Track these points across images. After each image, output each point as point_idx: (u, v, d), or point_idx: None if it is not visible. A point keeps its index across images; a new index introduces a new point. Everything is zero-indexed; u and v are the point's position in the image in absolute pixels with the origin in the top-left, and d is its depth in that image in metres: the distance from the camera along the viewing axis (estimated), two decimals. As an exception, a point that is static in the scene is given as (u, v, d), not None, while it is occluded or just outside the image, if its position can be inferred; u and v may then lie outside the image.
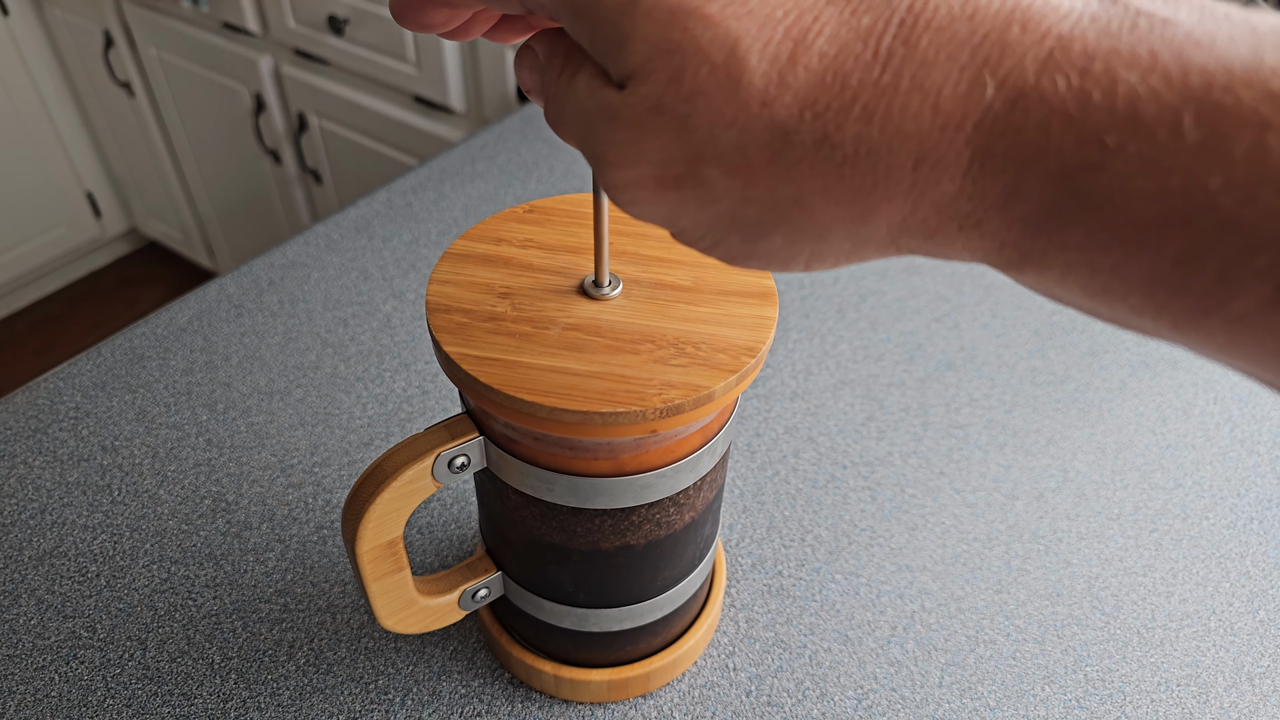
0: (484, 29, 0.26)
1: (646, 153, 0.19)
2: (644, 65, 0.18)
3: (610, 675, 0.43)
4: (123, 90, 1.91)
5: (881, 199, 0.18)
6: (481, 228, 0.36)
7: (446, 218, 0.73)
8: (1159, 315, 0.17)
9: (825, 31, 0.17)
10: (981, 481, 0.54)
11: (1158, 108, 0.15)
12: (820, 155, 0.18)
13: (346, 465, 0.54)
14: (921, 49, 0.17)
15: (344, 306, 0.65)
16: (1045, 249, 0.17)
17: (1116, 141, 0.15)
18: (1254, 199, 0.14)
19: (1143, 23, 0.16)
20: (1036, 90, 0.16)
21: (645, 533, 0.36)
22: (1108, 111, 0.15)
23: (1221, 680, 0.45)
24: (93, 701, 0.44)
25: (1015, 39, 0.16)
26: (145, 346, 0.62)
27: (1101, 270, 0.17)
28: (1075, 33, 0.16)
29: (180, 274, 2.39)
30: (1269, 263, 0.15)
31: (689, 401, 0.29)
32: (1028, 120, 0.16)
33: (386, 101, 1.39)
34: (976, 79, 0.17)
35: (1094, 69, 0.16)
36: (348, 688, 0.44)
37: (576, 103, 0.21)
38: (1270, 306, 0.15)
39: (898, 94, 0.17)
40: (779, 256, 0.20)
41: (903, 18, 0.17)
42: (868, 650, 0.46)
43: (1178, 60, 0.15)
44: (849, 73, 0.17)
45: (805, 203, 0.19)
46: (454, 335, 0.31)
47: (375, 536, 0.34)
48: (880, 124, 0.17)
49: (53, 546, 0.50)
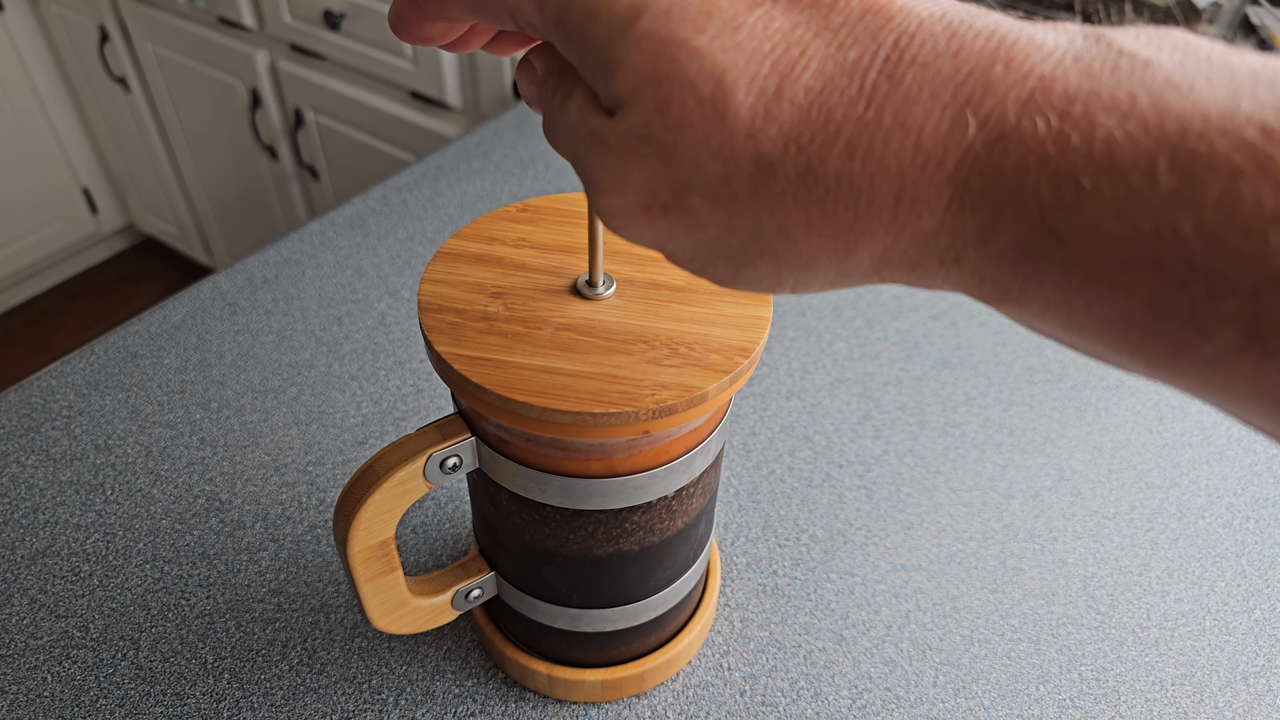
0: (481, 42, 0.26)
1: (633, 181, 0.19)
2: (632, 94, 0.19)
3: (604, 675, 0.43)
4: (118, 85, 1.90)
5: (863, 232, 0.18)
6: (474, 227, 0.35)
7: (442, 215, 0.73)
8: (1134, 355, 0.17)
9: (811, 65, 0.18)
10: (977, 480, 0.54)
11: (1134, 152, 0.15)
12: (803, 188, 0.18)
13: (340, 464, 0.54)
14: (905, 85, 0.17)
15: (339, 304, 0.65)
16: (1023, 286, 0.17)
17: (1092, 184, 0.16)
18: (1223, 244, 0.15)
19: (1124, 64, 0.16)
20: (1017, 131, 0.16)
21: (638, 534, 0.36)
22: (1084, 154, 0.16)
23: (1216, 680, 0.45)
24: (85, 702, 0.43)
25: (998, 78, 0.17)
26: (139, 344, 0.62)
27: (1077, 309, 0.17)
28: (1057, 73, 0.16)
29: (177, 270, 2.39)
30: (1237, 307, 0.15)
31: (682, 402, 0.29)
32: (1006, 160, 0.16)
33: (383, 97, 1.39)
34: (959, 117, 0.17)
35: (1073, 111, 0.16)
36: (341, 688, 0.44)
37: (569, 125, 0.21)
38: (1239, 350, 0.15)
39: (880, 129, 0.17)
40: (765, 283, 0.21)
41: (888, 53, 0.17)
42: (862, 650, 0.46)
43: (1155, 105, 0.15)
44: (834, 107, 0.17)
45: (788, 234, 0.19)
46: (446, 335, 0.31)
47: (367, 538, 0.34)
48: (863, 159, 0.17)
49: (45, 546, 0.50)
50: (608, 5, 0.19)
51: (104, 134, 2.12)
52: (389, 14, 0.24)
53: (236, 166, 1.81)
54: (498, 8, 0.21)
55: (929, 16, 0.18)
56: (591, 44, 0.19)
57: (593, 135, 0.20)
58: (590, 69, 0.20)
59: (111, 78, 1.89)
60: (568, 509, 0.34)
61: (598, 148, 0.20)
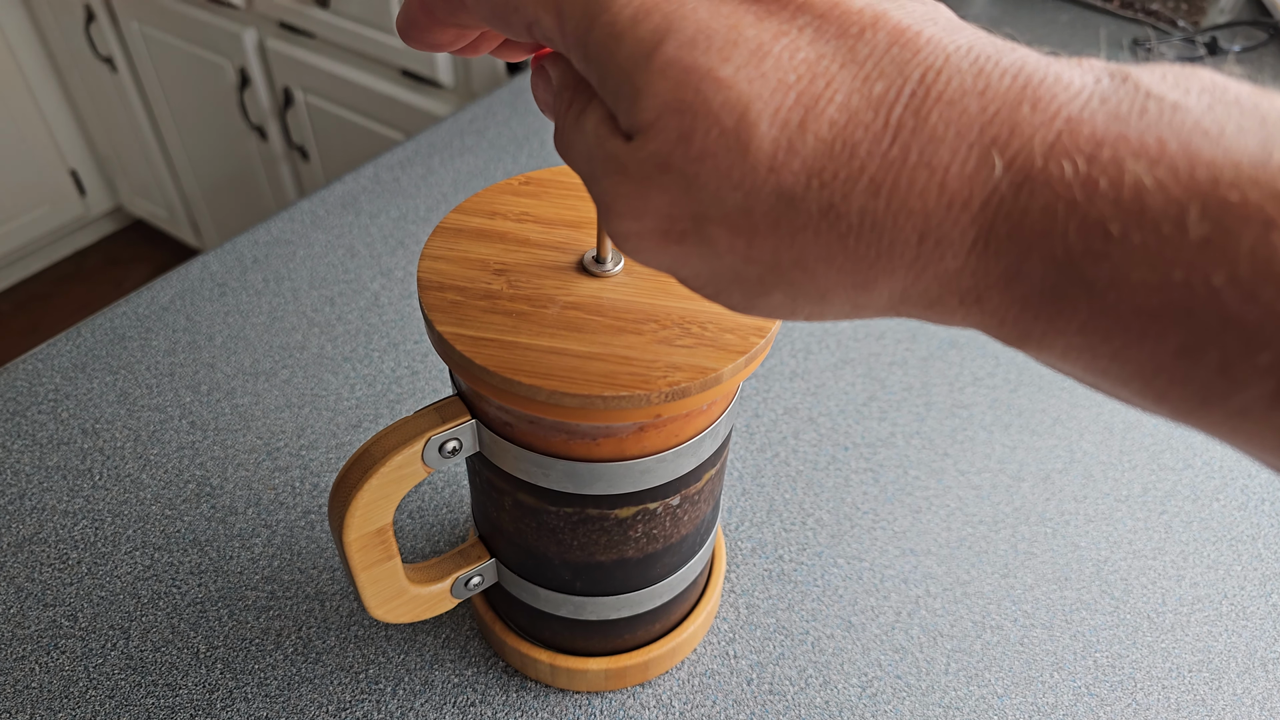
0: (490, 48, 0.26)
1: (651, 207, 0.19)
2: (654, 122, 0.18)
3: (607, 664, 0.42)
4: (105, 66, 1.88)
5: (884, 270, 0.18)
6: (475, 200, 0.34)
7: (435, 193, 0.72)
8: (1160, 401, 0.17)
9: (836, 98, 0.17)
10: (986, 463, 0.53)
11: (1164, 200, 0.15)
12: (825, 223, 0.18)
13: (334, 448, 0.53)
14: (931, 124, 0.17)
15: (331, 285, 0.63)
16: (1045, 330, 0.17)
17: (1120, 231, 0.15)
18: (1257, 297, 0.14)
19: (1152, 107, 0.16)
20: (1044, 174, 0.16)
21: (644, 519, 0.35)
22: (1113, 201, 0.15)
23: (1234, 666, 0.44)
24: (74, 693, 0.42)
25: (1025, 118, 0.16)
26: (126, 326, 0.60)
27: (1102, 355, 0.17)
28: (1084, 115, 0.16)
29: (167, 253, 2.36)
30: (1272, 360, 0.15)
31: (696, 385, 0.28)
32: (1033, 204, 0.16)
33: (373, 76, 1.37)
34: (984, 158, 0.16)
35: (1101, 156, 0.16)
36: (337, 677, 0.43)
37: (584, 144, 0.20)
38: (1272, 402, 0.15)
39: (905, 168, 0.17)
40: (779, 311, 0.21)
41: (914, 89, 0.17)
42: (871, 637, 0.45)
43: (1185, 151, 0.15)
44: (858, 142, 0.17)
45: (807, 267, 0.18)
46: (447, 314, 0.29)
47: (363, 524, 0.33)
48: (887, 199, 0.17)
49: (32, 533, 0.48)
50: (632, 29, 0.18)
51: (91, 115, 2.09)
52: (398, 20, 0.24)
53: (225, 148, 1.79)
54: (515, 20, 0.21)
55: (955, 51, 0.17)
56: (613, 67, 0.19)
57: (611, 158, 0.19)
58: (611, 91, 0.19)
59: (98, 58, 1.86)
60: (572, 494, 0.33)
61: (616, 172, 0.19)
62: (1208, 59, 0.92)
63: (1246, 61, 0.91)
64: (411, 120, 1.34)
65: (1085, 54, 0.86)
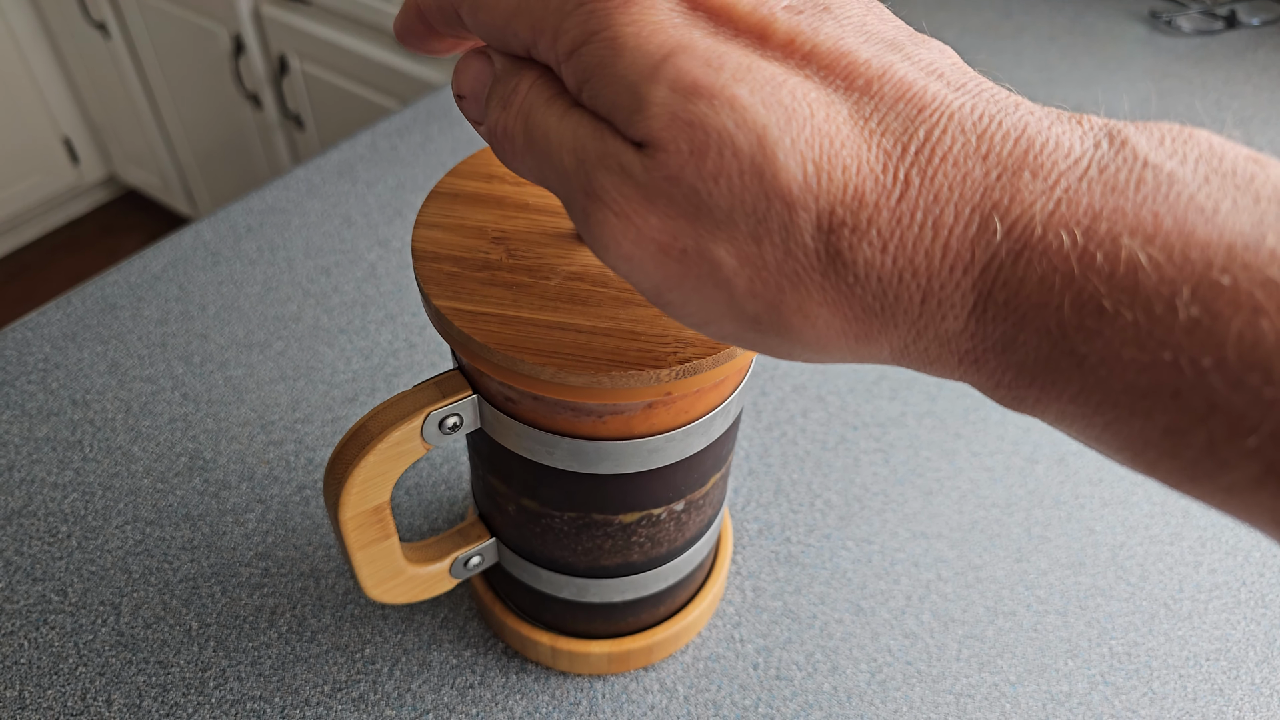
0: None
1: (655, 215, 0.18)
2: (662, 133, 0.18)
3: (610, 647, 0.40)
4: (98, 32, 1.85)
5: (887, 324, 0.18)
6: (471, 162, 0.32)
7: (433, 161, 0.70)
8: (1151, 471, 0.17)
9: (849, 145, 0.17)
10: (1000, 444, 0.52)
11: (1157, 279, 0.15)
12: (832, 270, 0.17)
13: (330, 422, 0.51)
14: (936, 183, 0.17)
15: (326, 254, 0.62)
16: (1039, 397, 0.17)
17: (1114, 308, 0.15)
18: (1243, 384, 0.15)
19: (1149, 178, 0.16)
20: (1042, 243, 0.16)
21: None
22: (1108, 277, 0.16)
23: (1253, 655, 0.43)
24: (64, 669, 0.41)
25: (1025, 186, 0.16)
26: (117, 295, 0.59)
27: (1094, 425, 0.17)
28: (1082, 186, 0.16)
29: (161, 222, 2.34)
30: (1258, 444, 0.15)
31: (708, 360, 0.26)
32: (1030, 274, 0.16)
33: (370, 42, 1.34)
34: (986, 222, 0.17)
35: (1098, 230, 0.16)
36: (332, 657, 0.42)
37: (573, 136, 0.19)
38: (1259, 484, 0.15)
39: (911, 225, 0.17)
40: (774, 353, 0.20)
41: (919, 146, 0.17)
42: (881, 621, 0.44)
43: (1180, 229, 0.15)
44: (866, 192, 0.17)
45: (809, 313, 0.18)
46: (444, 288, 0.28)
47: (359, 503, 0.31)
48: (894, 254, 0.17)
49: (21, 506, 0.47)
50: (635, 41, 0.18)
51: (84, 82, 2.06)
52: (395, 24, 0.24)
53: (220, 116, 1.76)
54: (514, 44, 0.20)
55: (959, 110, 0.17)
56: (618, 76, 0.18)
57: (612, 156, 0.18)
58: (606, 101, 0.18)
59: (91, 23, 1.83)
60: (577, 473, 0.32)
61: (618, 173, 0.18)
62: (1226, 32, 0.90)
63: (1266, 35, 0.89)
64: (408, 88, 1.32)
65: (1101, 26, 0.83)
